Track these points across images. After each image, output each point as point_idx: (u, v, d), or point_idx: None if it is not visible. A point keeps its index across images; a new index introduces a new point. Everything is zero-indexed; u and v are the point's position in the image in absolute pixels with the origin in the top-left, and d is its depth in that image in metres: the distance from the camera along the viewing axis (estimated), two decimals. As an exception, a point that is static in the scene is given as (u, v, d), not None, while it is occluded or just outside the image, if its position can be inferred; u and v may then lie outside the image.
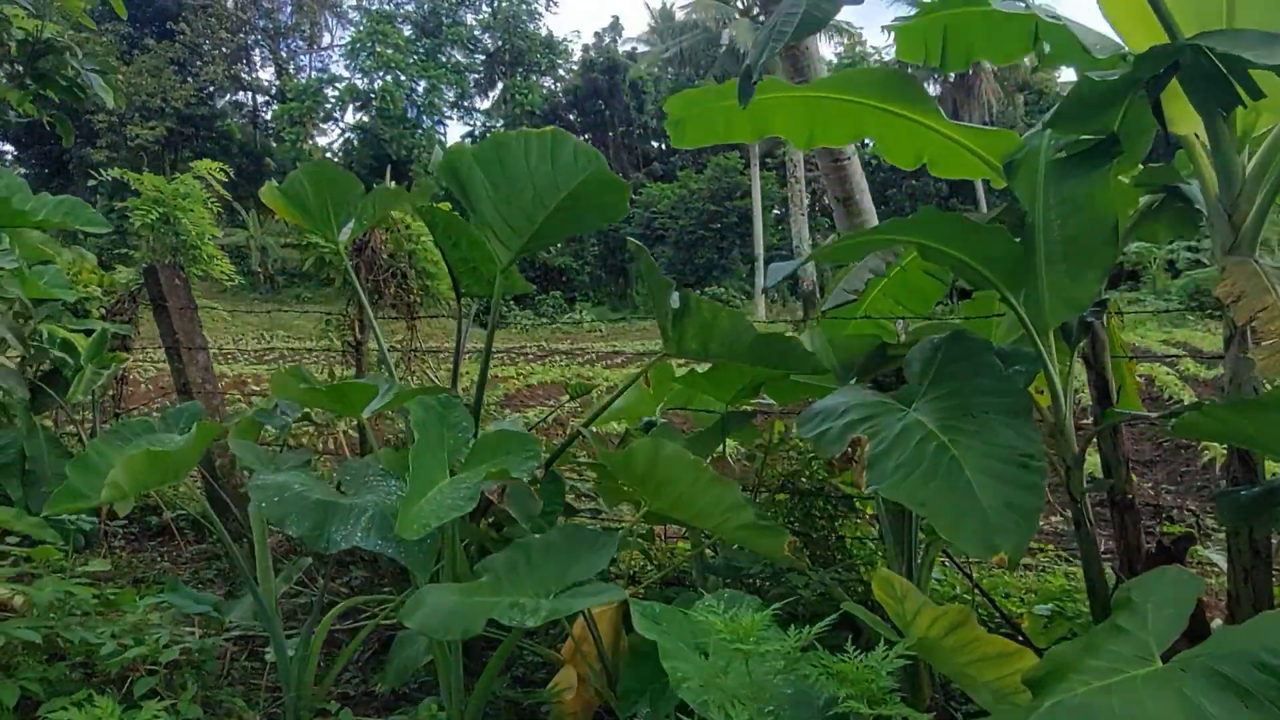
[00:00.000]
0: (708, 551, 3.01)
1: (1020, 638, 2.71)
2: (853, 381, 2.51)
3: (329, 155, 45.35)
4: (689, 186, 40.34)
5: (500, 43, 49.08)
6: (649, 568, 3.38)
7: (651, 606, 1.73)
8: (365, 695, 2.62)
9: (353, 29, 46.97)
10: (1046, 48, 2.47)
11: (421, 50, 46.14)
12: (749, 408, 3.06)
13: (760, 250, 35.66)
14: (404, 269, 3.64)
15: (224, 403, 4.29)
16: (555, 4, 68.04)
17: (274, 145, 45.62)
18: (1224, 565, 2.60)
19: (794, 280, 38.43)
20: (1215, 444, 7.01)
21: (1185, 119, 2.06)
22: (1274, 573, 2.11)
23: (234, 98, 48.10)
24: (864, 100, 2.61)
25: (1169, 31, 1.85)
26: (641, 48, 48.20)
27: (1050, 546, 3.96)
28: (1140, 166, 2.45)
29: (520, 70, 49.50)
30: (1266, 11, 1.93)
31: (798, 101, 2.70)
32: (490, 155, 2.30)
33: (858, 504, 3.16)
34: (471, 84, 49.74)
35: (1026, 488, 1.65)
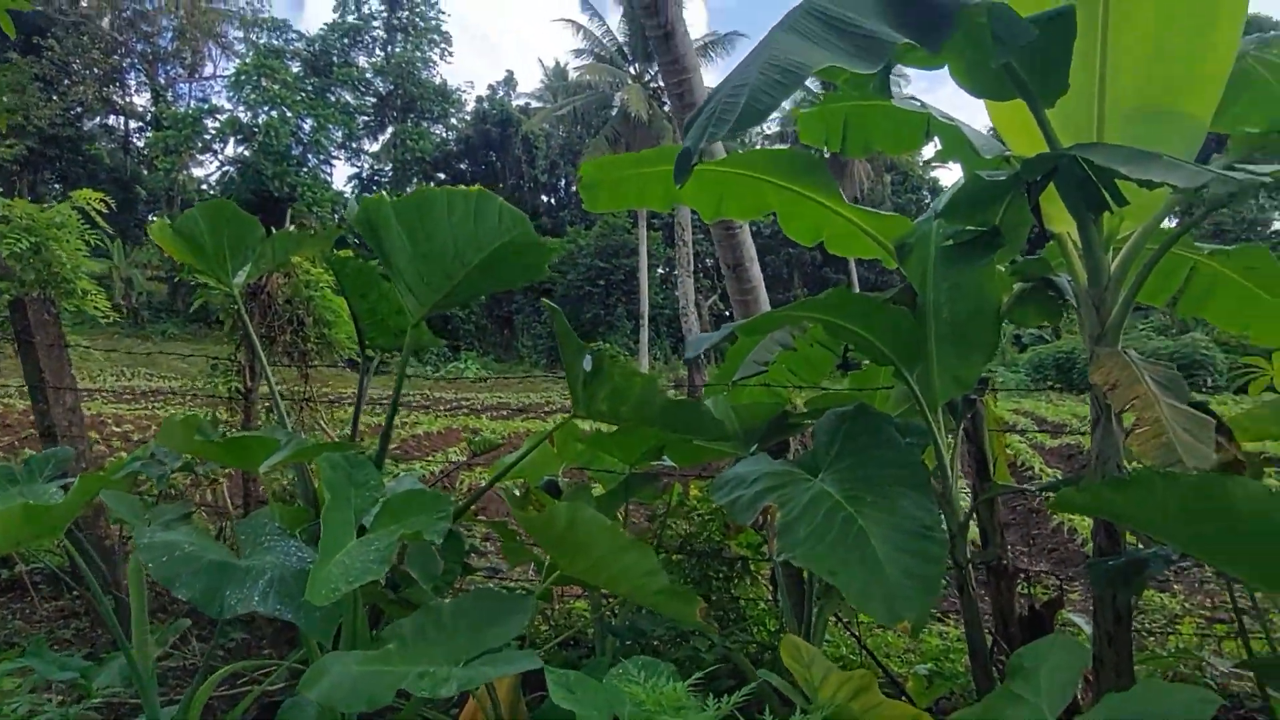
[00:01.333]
0: (605, 613, 3.01)
1: (905, 697, 2.83)
2: (753, 449, 2.59)
3: (205, 188, 43.42)
4: (577, 242, 40.78)
5: (393, 87, 48.63)
6: (544, 629, 3.33)
7: (566, 674, 1.72)
8: (243, 768, 2.46)
9: (237, 60, 45.52)
10: (938, 144, 2.68)
11: (310, 88, 45.12)
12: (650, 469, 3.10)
13: (645, 308, 36.24)
14: (301, 315, 3.52)
15: (89, 446, 3.99)
16: (450, 54, 68.12)
17: (145, 173, 43.34)
18: (1086, 628, 2.80)
19: (677, 340, 39.22)
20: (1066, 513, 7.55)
21: (1060, 219, 2.27)
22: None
23: (104, 121, 45.58)
24: (770, 178, 2.73)
25: (1050, 141, 2.05)
26: (535, 104, 48.78)
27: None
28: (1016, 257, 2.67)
29: (412, 116, 49.09)
30: (1128, 129, 2.17)
31: (709, 175, 2.81)
32: (410, 209, 2.28)
33: (752, 566, 3.23)
34: (361, 125, 48.91)
35: (928, 559, 1.74)
